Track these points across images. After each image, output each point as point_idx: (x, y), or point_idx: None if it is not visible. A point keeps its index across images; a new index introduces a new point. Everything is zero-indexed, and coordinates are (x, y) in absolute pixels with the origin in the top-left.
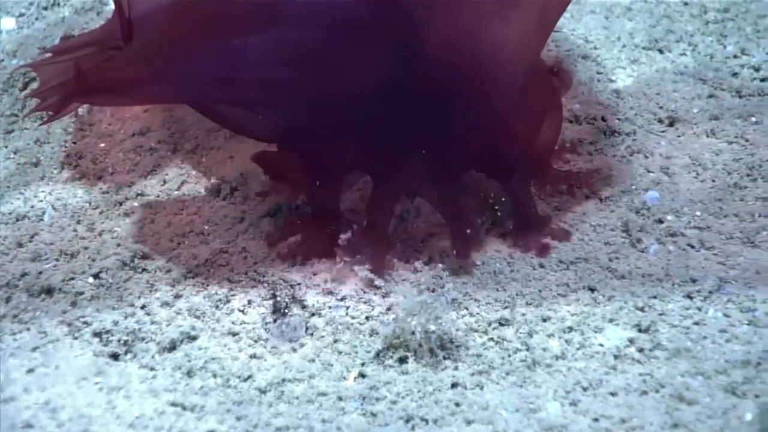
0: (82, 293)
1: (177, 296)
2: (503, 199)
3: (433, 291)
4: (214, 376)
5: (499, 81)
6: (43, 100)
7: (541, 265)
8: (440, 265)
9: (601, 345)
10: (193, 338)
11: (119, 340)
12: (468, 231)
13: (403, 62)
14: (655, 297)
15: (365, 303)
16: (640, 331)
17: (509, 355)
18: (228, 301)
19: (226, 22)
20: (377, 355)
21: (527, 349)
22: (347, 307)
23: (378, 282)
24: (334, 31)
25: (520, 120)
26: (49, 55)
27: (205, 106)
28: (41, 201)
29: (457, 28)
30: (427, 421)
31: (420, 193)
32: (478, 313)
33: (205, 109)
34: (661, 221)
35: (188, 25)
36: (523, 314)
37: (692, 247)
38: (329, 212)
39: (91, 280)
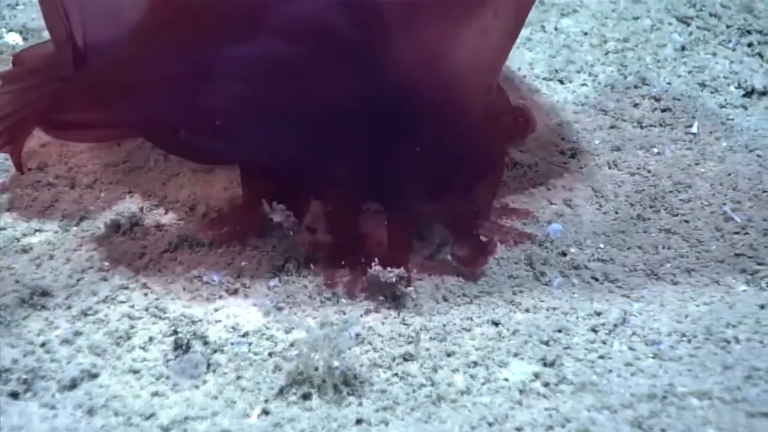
0: None
1: (77, 333)
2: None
3: (337, 326)
4: (116, 414)
5: (472, 96)
6: None
7: (445, 299)
8: (343, 300)
9: (506, 380)
10: (94, 376)
11: (19, 379)
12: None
13: (377, 77)
14: (559, 330)
15: (268, 339)
16: (545, 365)
17: (414, 391)
18: (129, 338)
19: (202, 36)
20: (281, 391)
21: (432, 385)
22: (250, 343)
23: (285, 322)
24: (315, 45)
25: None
26: None
27: (166, 135)
28: None
29: (436, 41)
30: None
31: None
32: (381, 348)
33: (165, 140)
34: (564, 254)
35: (159, 45)
36: (428, 349)
37: (596, 279)
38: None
39: None
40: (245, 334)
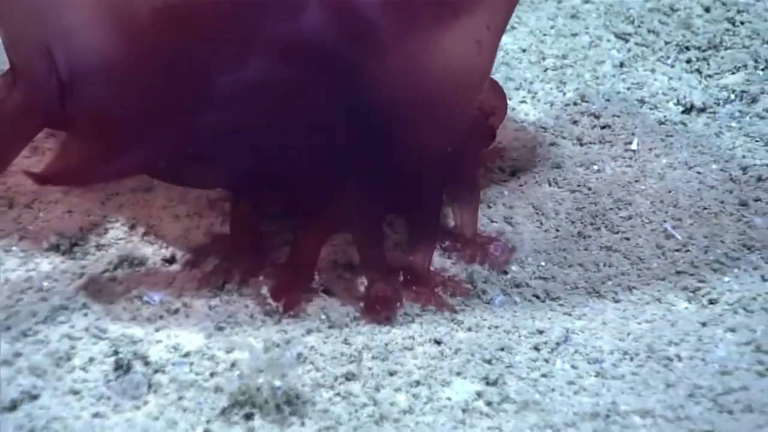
0: None
1: (17, 354)
2: None
3: (279, 346)
4: None
5: (464, 111)
6: None
7: (387, 318)
8: (285, 319)
9: (449, 399)
10: (35, 397)
11: None
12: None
13: (369, 93)
14: (502, 349)
15: (209, 359)
16: (487, 384)
17: (356, 410)
18: (69, 359)
19: (198, 62)
20: (223, 412)
21: (374, 404)
22: (191, 363)
23: (225, 341)
24: (308, 64)
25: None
26: None
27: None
28: None
29: (431, 55)
30: None
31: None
32: (324, 368)
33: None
34: (505, 272)
35: (155, 73)
36: (370, 368)
37: (538, 297)
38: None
39: None
40: (186, 355)
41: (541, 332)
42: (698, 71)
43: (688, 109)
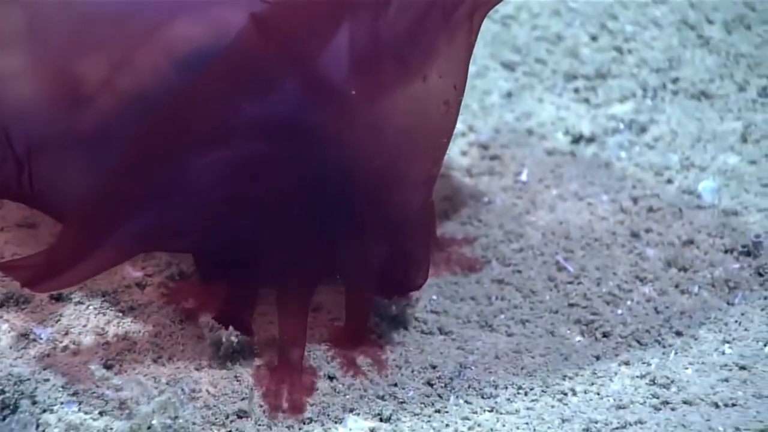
0: None
1: None
2: None
3: (169, 383)
4: None
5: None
6: None
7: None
8: (176, 356)
9: None
10: None
11: None
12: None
13: (342, 161)
14: (395, 385)
15: (98, 397)
16: (381, 420)
17: None
18: None
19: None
20: None
21: None
22: (80, 402)
23: (115, 379)
24: (284, 139)
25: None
26: None
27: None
28: None
29: (403, 118)
30: None
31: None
32: (215, 406)
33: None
34: (396, 306)
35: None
36: (261, 405)
37: (430, 332)
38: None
39: None
40: (75, 393)
41: (434, 367)
42: (586, 100)
43: (576, 139)
